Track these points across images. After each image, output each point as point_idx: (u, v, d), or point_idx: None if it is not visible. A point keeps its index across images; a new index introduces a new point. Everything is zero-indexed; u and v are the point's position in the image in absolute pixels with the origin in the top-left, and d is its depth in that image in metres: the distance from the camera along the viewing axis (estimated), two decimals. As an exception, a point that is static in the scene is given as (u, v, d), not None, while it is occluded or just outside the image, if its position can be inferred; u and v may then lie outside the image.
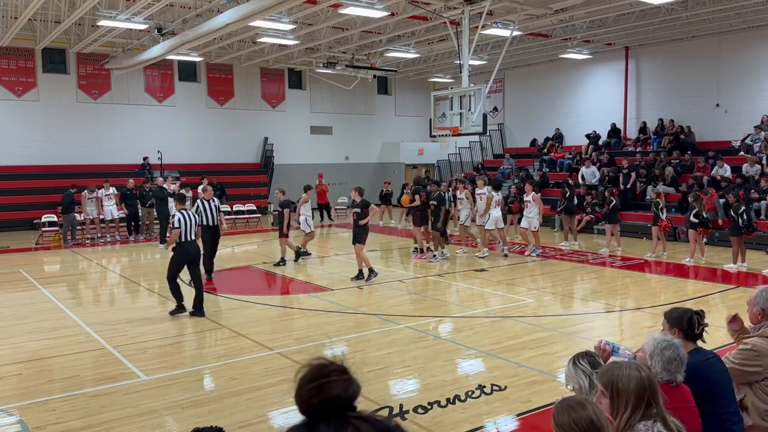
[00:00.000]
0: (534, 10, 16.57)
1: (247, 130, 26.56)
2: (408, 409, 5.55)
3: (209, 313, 9.38)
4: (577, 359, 3.25)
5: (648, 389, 2.71)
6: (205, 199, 11.62)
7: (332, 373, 1.69)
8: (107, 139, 23.38)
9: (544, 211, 20.80)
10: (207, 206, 11.51)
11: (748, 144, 18.88)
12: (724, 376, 3.61)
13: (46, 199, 20.39)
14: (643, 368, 2.81)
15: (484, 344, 7.62)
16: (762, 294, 3.95)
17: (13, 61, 21.61)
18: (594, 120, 24.02)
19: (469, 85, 14.76)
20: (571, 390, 3.21)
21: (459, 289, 11.17)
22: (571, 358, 3.30)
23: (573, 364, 3.23)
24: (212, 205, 11.59)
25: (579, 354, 3.31)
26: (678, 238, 16.30)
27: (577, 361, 3.24)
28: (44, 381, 6.56)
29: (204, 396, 6.08)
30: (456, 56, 18.37)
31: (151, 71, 24.02)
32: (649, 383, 2.74)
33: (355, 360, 7.07)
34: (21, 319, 9.21)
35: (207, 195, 11.77)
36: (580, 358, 3.26)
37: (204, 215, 11.35)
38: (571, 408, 2.51)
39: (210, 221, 11.48)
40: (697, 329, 3.61)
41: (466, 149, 27.98)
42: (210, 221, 11.48)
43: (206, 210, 11.47)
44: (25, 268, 13.75)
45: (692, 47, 21.37)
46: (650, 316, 8.90)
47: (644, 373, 2.77)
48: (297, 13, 16.70)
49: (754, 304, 3.98)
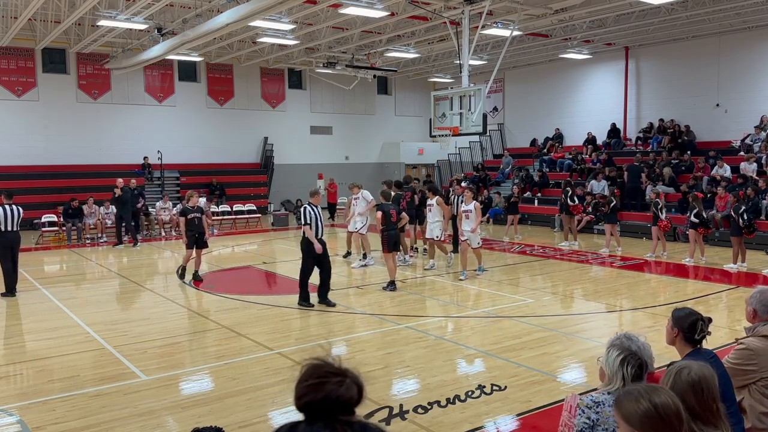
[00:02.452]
0: (534, 10, 16.57)
1: (247, 130, 26.57)
2: (408, 409, 5.55)
3: (210, 313, 9.38)
4: (626, 362, 2.92)
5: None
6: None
7: (328, 374, 1.70)
8: (107, 139, 23.38)
9: (545, 212, 20.95)
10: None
11: (748, 144, 18.89)
12: (723, 377, 3.61)
13: (46, 199, 20.40)
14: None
15: (484, 344, 7.62)
16: (756, 295, 3.97)
17: (13, 61, 21.61)
18: (594, 120, 24.02)
19: (469, 85, 14.76)
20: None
21: (459, 289, 11.16)
22: (621, 353, 2.96)
23: (621, 362, 2.93)
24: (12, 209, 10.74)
25: (630, 357, 2.95)
26: (678, 238, 16.30)
27: (625, 363, 2.92)
28: (44, 381, 6.55)
29: (204, 396, 6.08)
30: (456, 56, 18.38)
31: (151, 71, 24.02)
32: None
33: (354, 360, 7.07)
34: (21, 319, 9.21)
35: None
36: (629, 363, 2.92)
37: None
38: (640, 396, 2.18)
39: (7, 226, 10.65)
40: (697, 335, 3.57)
41: (466, 149, 27.98)
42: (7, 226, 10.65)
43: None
44: (25, 268, 13.74)
45: (692, 47, 21.37)
46: (650, 316, 8.90)
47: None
48: (297, 13, 16.70)
49: (748, 304, 4.00)
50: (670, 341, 3.73)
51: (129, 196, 17.46)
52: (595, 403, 2.91)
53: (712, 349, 4.32)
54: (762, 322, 3.87)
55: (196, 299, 10.71)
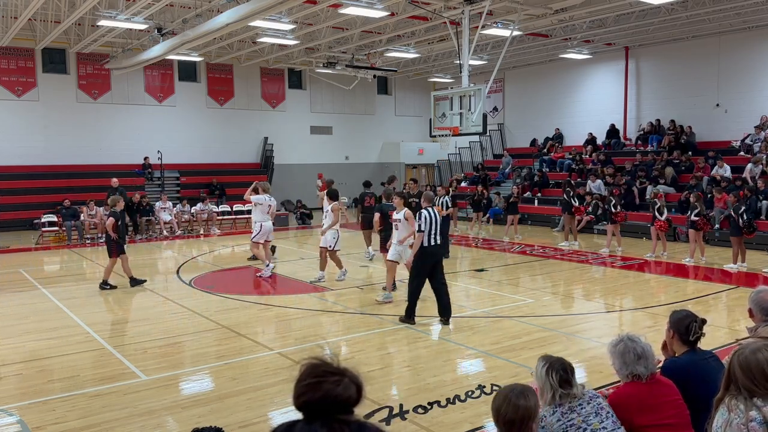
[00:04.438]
0: (534, 10, 16.58)
1: (247, 130, 26.57)
2: (408, 409, 5.55)
3: (209, 313, 9.38)
4: (551, 369, 3.18)
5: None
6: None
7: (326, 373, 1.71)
8: (107, 139, 23.39)
9: (545, 212, 20.96)
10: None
11: (748, 144, 18.88)
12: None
13: (46, 199, 20.40)
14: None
15: (484, 344, 7.62)
16: (752, 295, 4.00)
17: (13, 61, 21.61)
18: (594, 120, 24.03)
19: (469, 85, 14.77)
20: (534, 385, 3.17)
21: (458, 289, 11.16)
22: (546, 363, 3.23)
23: (546, 371, 3.18)
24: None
25: (556, 363, 3.22)
26: (678, 238, 16.30)
27: (550, 370, 3.18)
28: (44, 381, 6.55)
29: (204, 396, 6.08)
30: (456, 56, 18.37)
31: (151, 71, 24.02)
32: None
33: (354, 360, 7.07)
34: (21, 319, 9.21)
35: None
36: (554, 370, 3.18)
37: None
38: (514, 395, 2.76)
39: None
40: (691, 336, 3.67)
41: (466, 149, 27.99)
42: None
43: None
44: (25, 268, 13.76)
45: (692, 47, 21.37)
46: (650, 316, 8.90)
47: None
48: (297, 13, 16.70)
49: (748, 302, 4.04)
50: (668, 342, 3.83)
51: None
52: (540, 418, 3.09)
53: (712, 349, 4.33)
54: (762, 323, 3.88)
55: (196, 299, 10.71)
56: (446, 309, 8.56)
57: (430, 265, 8.48)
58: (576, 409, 3.12)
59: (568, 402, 3.12)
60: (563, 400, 3.12)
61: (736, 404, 2.47)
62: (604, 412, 3.16)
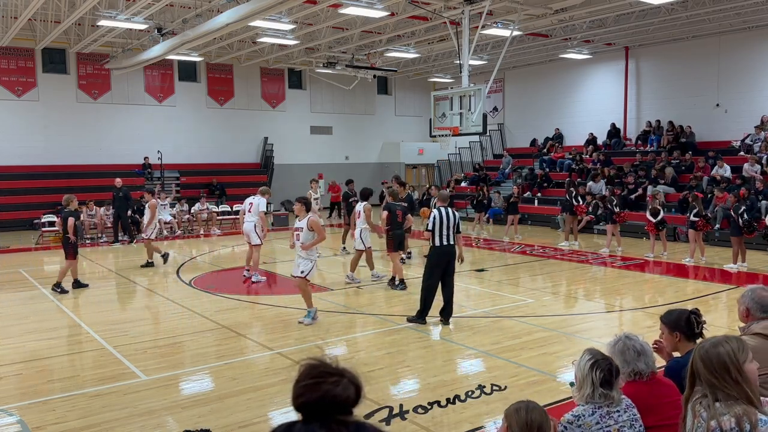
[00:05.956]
0: (534, 10, 16.57)
1: (247, 130, 26.57)
2: (408, 409, 5.55)
3: (209, 313, 9.37)
4: (596, 366, 3.05)
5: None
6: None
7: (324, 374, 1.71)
8: (107, 139, 23.39)
9: (545, 212, 20.95)
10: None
11: (748, 144, 18.88)
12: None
13: (46, 199, 20.40)
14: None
15: (484, 344, 7.61)
16: (747, 293, 3.97)
17: (13, 61, 21.61)
18: (594, 120, 24.03)
19: (469, 85, 14.76)
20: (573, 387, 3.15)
21: (459, 289, 11.12)
22: (592, 358, 3.09)
23: (591, 366, 3.06)
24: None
25: (602, 362, 3.08)
26: (678, 238, 16.30)
27: (595, 367, 3.05)
28: (44, 381, 6.55)
29: (204, 396, 6.08)
30: (456, 56, 18.37)
31: (151, 71, 24.02)
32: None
33: (354, 360, 7.07)
34: (21, 319, 9.20)
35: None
36: (599, 367, 3.05)
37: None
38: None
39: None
40: (697, 328, 3.62)
41: (466, 149, 27.99)
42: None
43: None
44: (25, 268, 13.76)
45: (692, 47, 21.37)
46: (650, 316, 8.90)
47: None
48: (297, 13, 16.70)
49: (741, 303, 4.00)
50: (673, 347, 3.74)
51: (126, 196, 17.71)
52: (576, 416, 3.02)
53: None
54: (755, 321, 3.86)
55: (196, 299, 10.70)
56: (448, 309, 8.60)
57: (443, 264, 8.51)
58: (613, 415, 3.04)
59: (606, 405, 3.04)
60: (601, 400, 3.04)
61: (699, 410, 2.46)
62: (638, 424, 3.10)
